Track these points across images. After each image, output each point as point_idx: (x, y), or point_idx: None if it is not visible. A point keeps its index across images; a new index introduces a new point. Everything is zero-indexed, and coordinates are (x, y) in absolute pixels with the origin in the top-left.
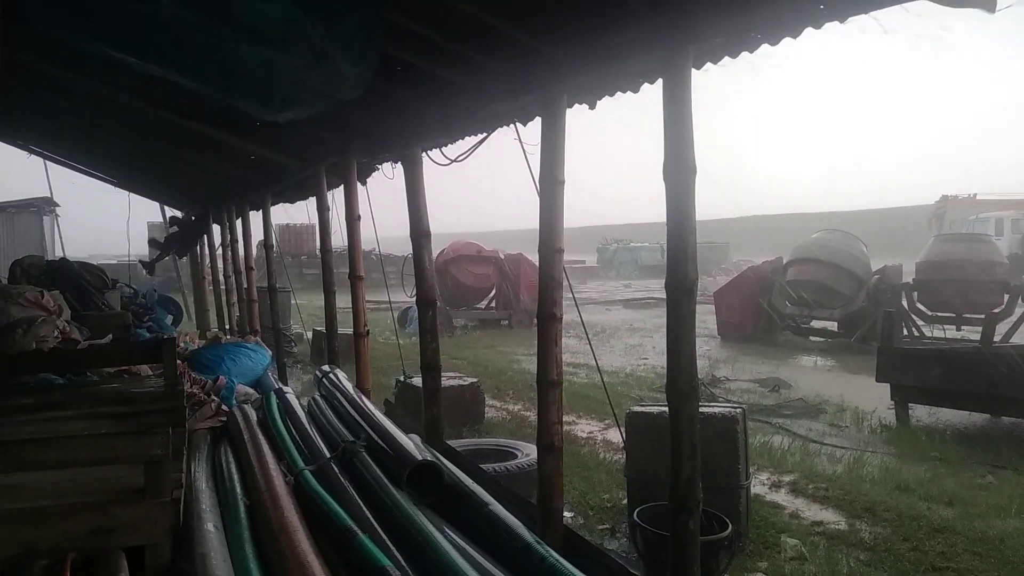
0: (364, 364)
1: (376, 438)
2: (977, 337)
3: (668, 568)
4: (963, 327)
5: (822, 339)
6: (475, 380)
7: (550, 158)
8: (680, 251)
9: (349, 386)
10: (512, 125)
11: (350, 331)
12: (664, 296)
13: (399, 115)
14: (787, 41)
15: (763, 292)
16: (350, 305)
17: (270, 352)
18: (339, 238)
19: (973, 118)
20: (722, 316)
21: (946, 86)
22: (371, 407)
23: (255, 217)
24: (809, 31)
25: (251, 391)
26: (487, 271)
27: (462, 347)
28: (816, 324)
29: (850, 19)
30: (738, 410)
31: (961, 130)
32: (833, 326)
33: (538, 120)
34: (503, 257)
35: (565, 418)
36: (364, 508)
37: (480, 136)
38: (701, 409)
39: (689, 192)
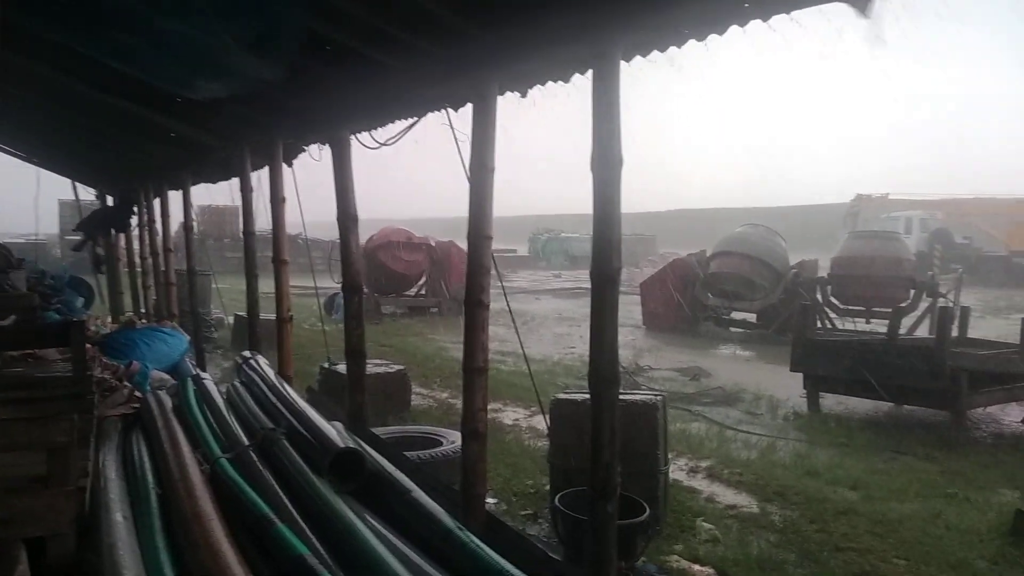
0: (287, 350)
1: (297, 425)
2: (885, 330)
3: (587, 552)
4: (872, 320)
5: (742, 330)
6: (402, 367)
7: (480, 145)
8: (605, 240)
9: (271, 373)
10: (444, 111)
11: (273, 316)
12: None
13: (327, 96)
14: (713, 37)
15: (687, 284)
16: (274, 290)
17: (188, 337)
18: (265, 221)
19: (889, 121)
20: (647, 307)
21: (867, 89)
22: (293, 394)
23: (175, 197)
24: (735, 28)
25: (167, 377)
26: (417, 258)
27: (390, 334)
28: (736, 316)
29: (773, 18)
30: (658, 398)
31: (876, 132)
32: (752, 318)
33: (470, 107)
34: (434, 244)
35: (492, 406)
36: (283, 496)
37: (411, 120)
38: (623, 396)
39: (615, 183)
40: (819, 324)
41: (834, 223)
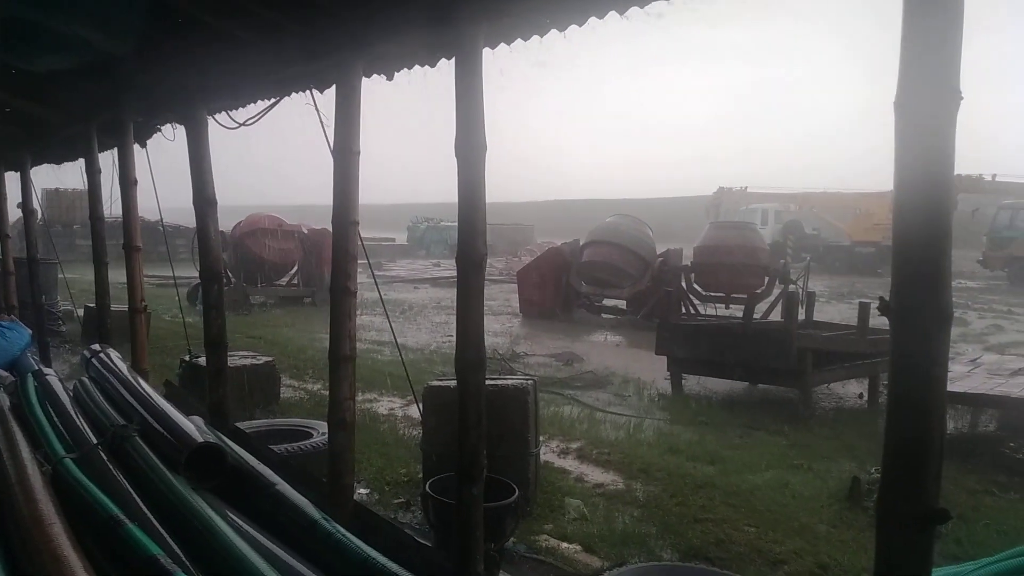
0: (141, 343)
1: (152, 422)
2: (742, 314)
3: (455, 535)
4: (732, 305)
5: (612, 316)
6: (270, 359)
7: (345, 127)
8: (470, 226)
9: (123, 367)
10: (308, 92)
11: (127, 307)
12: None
13: (181, 72)
14: (573, 28)
15: (561, 272)
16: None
17: (29, 331)
18: (118, 206)
19: (750, 117)
20: (524, 294)
21: (732, 87)
22: (148, 389)
23: (12, 178)
24: (594, 20)
25: (5, 374)
26: (289, 246)
27: (259, 325)
28: (608, 302)
29: (628, 11)
30: (529, 382)
31: (740, 128)
32: (623, 304)
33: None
34: (307, 232)
35: (368, 396)
36: (135, 495)
37: (272, 100)
38: (494, 382)
39: (479, 169)
40: (683, 310)
41: (698, 214)
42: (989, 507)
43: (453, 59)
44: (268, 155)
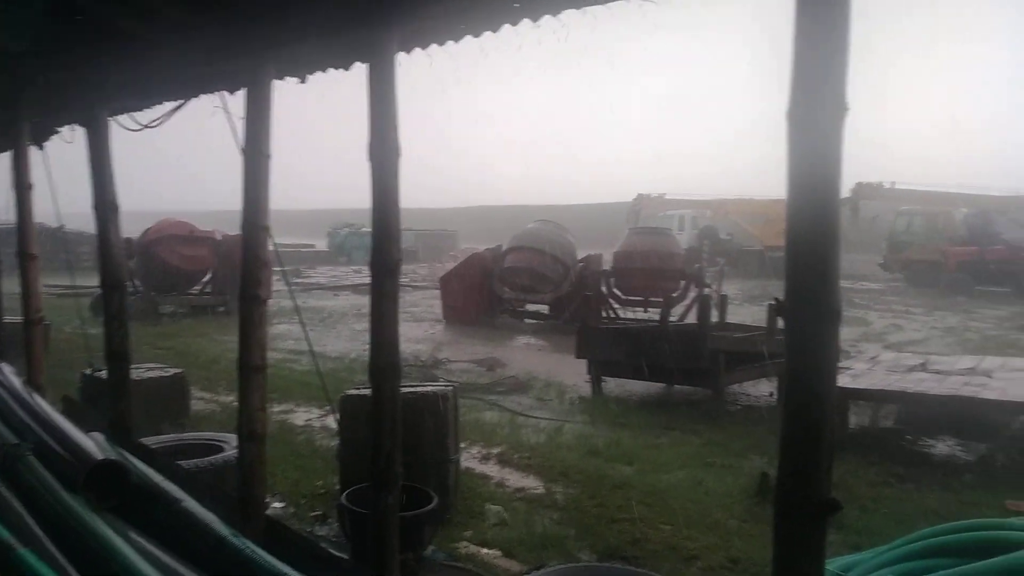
0: (36, 356)
1: (48, 439)
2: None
3: (370, 546)
4: (650, 309)
5: (535, 321)
6: (179, 371)
7: (255, 129)
8: (384, 231)
9: (16, 382)
10: (218, 93)
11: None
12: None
13: (81, 72)
14: (488, 35)
15: (484, 278)
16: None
17: None
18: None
19: (665, 126)
20: (447, 300)
21: (649, 96)
22: (44, 405)
23: None
24: (507, 27)
25: None
26: (200, 253)
27: (169, 336)
28: (530, 307)
29: (543, 19)
30: (449, 388)
31: (656, 135)
32: (545, 309)
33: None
34: (220, 238)
35: (283, 406)
36: (28, 519)
37: (179, 102)
38: (414, 388)
39: (393, 173)
40: (604, 314)
41: (618, 220)
42: (888, 497)
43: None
44: (181, 159)
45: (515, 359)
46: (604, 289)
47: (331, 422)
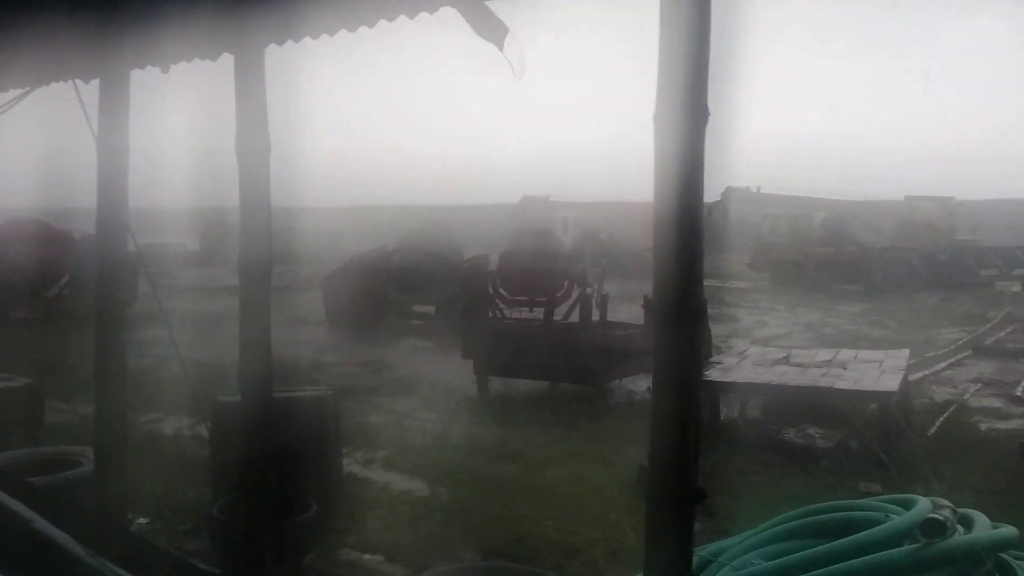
0: None
1: None
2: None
3: (243, 558)
4: (536, 309)
5: (421, 322)
6: (29, 381)
7: (111, 121)
8: (253, 229)
9: None
10: (71, 82)
11: None
12: (276, 284)
13: None
14: (363, 29)
15: (369, 279)
16: None
17: None
18: None
19: (553, 129)
20: (330, 303)
21: (531, 98)
22: None
23: None
24: (383, 23)
25: None
26: (55, 253)
27: (21, 343)
28: (417, 309)
29: (397, 19)
30: (329, 392)
31: (542, 137)
32: (431, 310)
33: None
34: (79, 237)
35: (151, 415)
36: None
37: (25, 89)
38: (292, 394)
39: (263, 170)
40: (490, 314)
41: (504, 222)
42: (755, 484)
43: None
44: (44, 150)
45: (401, 361)
46: (490, 290)
47: (203, 431)
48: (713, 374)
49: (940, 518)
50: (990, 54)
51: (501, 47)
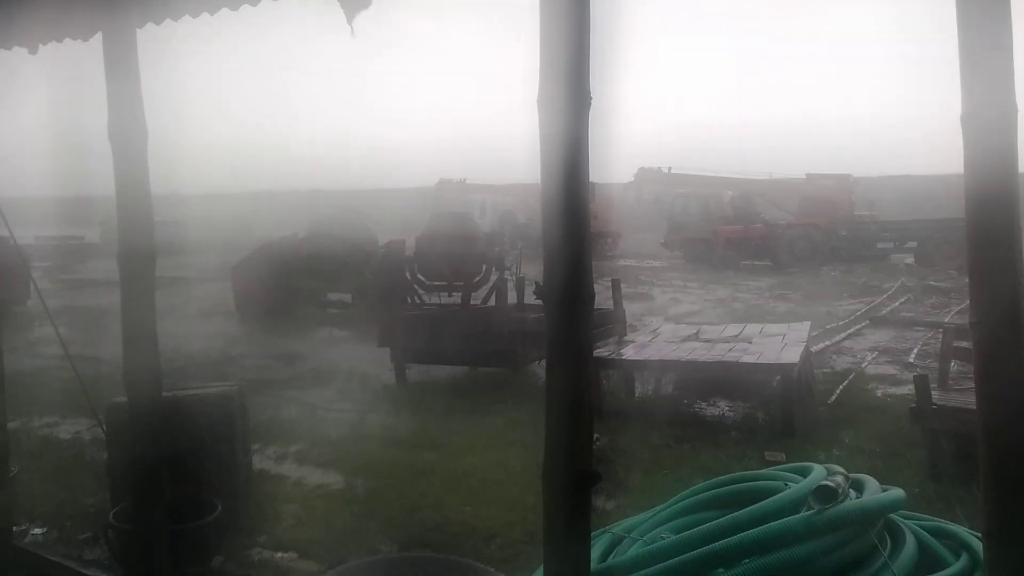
0: None
1: None
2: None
3: (141, 565)
4: (455, 293)
5: (338, 311)
6: None
7: None
8: (132, 218)
9: None
10: None
11: None
12: (181, 275)
13: None
14: (225, 11)
15: (281, 267)
16: None
17: None
18: None
19: (470, 111)
20: (240, 293)
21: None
22: None
23: None
24: (246, 7)
25: None
26: None
27: None
28: (332, 297)
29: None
30: (234, 387)
31: (460, 121)
32: (348, 298)
33: None
34: None
35: (48, 419)
36: None
37: None
38: (195, 391)
39: (140, 155)
40: (409, 300)
41: (420, 206)
42: (668, 458)
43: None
44: None
45: (316, 351)
46: (408, 276)
47: (101, 433)
48: (627, 352)
49: (832, 485)
50: (881, 39)
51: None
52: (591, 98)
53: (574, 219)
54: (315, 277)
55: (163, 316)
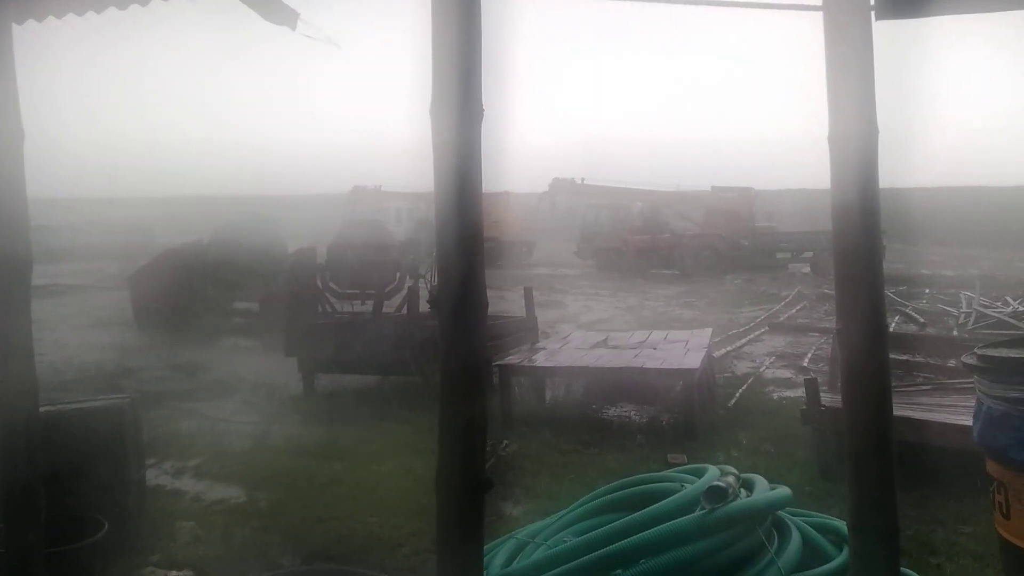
0: None
1: None
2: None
3: None
4: (368, 302)
5: (244, 320)
6: None
7: None
8: (7, 223)
9: None
10: None
11: None
12: (77, 282)
13: None
14: (113, 10)
15: (184, 274)
16: None
17: None
18: None
19: (385, 118)
20: (139, 302)
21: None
22: None
23: None
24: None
25: None
26: None
27: None
28: (239, 306)
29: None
30: (125, 400)
31: (376, 128)
32: (255, 307)
33: None
34: None
35: None
36: None
37: None
38: (80, 404)
39: (16, 158)
40: (320, 308)
41: (332, 213)
42: (576, 463)
43: None
44: None
45: (220, 362)
46: (319, 283)
47: None
48: (538, 359)
49: (723, 485)
50: (785, 56)
51: (294, 28)
52: (483, 110)
53: (467, 228)
54: (220, 285)
55: (56, 326)
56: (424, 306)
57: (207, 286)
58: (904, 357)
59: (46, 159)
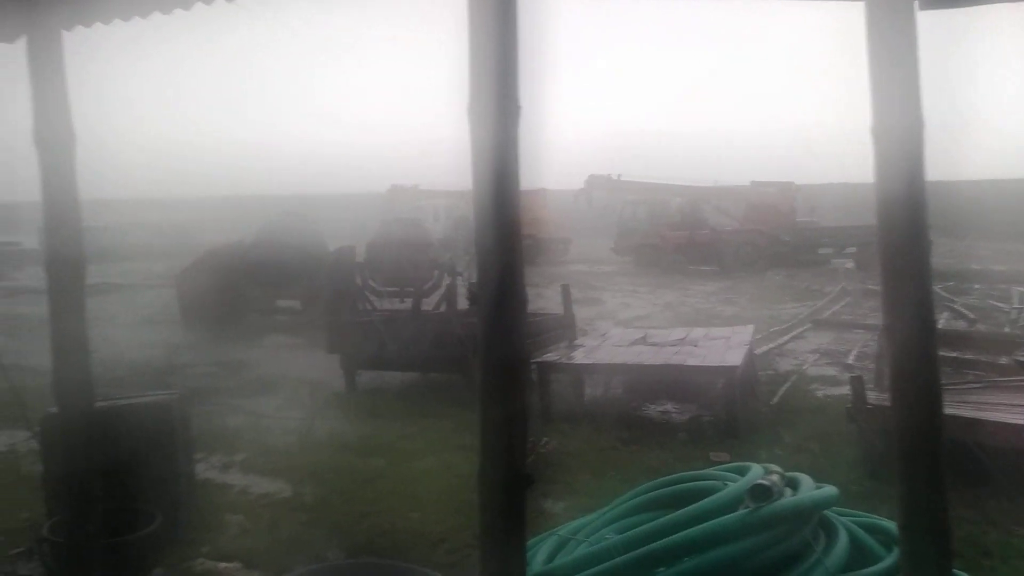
0: None
1: None
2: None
3: None
4: (407, 299)
5: (287, 318)
6: None
7: None
8: (61, 224)
9: None
10: None
11: None
12: (125, 281)
13: None
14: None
15: (228, 273)
16: None
17: None
18: None
19: (422, 117)
20: (185, 300)
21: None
22: None
23: None
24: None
25: None
26: None
27: None
28: (281, 303)
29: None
30: (174, 396)
31: (413, 126)
32: (297, 305)
33: None
34: None
35: None
36: None
37: None
38: (132, 400)
39: (68, 160)
40: (360, 306)
41: (371, 211)
42: (616, 460)
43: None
44: None
45: (264, 359)
46: (358, 282)
47: (36, 445)
48: (577, 357)
49: (767, 483)
50: (824, 48)
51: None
52: (520, 107)
53: (506, 225)
54: (263, 284)
55: (105, 324)
56: (463, 303)
57: (251, 285)
58: (953, 354)
59: (95, 160)
